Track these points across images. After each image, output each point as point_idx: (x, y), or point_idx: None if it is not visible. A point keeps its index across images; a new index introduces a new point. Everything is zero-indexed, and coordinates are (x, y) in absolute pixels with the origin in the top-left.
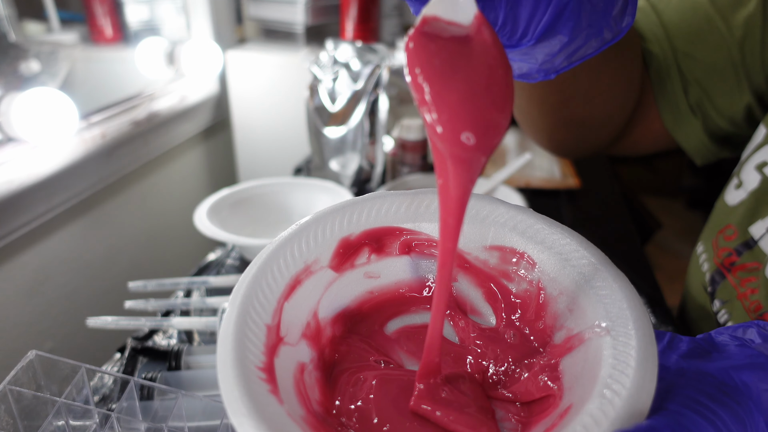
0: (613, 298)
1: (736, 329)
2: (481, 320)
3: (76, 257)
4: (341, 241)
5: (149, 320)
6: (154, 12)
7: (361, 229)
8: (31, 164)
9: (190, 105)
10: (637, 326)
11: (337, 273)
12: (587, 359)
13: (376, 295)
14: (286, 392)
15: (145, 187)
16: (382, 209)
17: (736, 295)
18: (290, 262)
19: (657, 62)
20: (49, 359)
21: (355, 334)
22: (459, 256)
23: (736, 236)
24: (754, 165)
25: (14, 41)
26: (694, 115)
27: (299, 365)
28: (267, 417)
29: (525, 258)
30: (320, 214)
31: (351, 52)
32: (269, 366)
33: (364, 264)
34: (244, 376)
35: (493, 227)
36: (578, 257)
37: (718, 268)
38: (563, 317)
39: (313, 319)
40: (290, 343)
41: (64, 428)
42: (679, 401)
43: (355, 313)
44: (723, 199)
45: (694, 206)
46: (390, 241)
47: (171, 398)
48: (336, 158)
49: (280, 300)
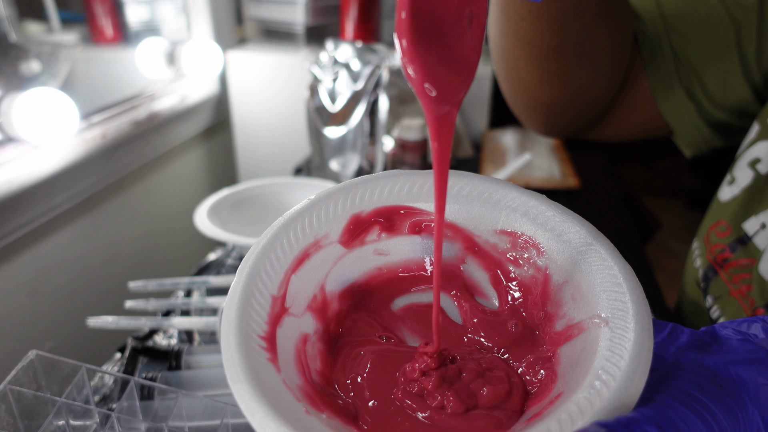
0: (617, 290)
1: (741, 323)
2: (487, 303)
3: (76, 257)
4: (352, 218)
5: (149, 320)
6: (154, 12)
7: (373, 206)
8: (32, 164)
9: (190, 105)
10: (636, 320)
11: (346, 249)
12: (584, 349)
13: (384, 272)
14: (286, 361)
15: (145, 187)
16: (395, 188)
17: (728, 292)
18: (300, 236)
19: (650, 42)
20: (50, 359)
21: (362, 309)
22: (469, 238)
23: (729, 233)
24: (747, 161)
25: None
26: (688, 99)
27: (302, 336)
28: (263, 384)
29: (534, 244)
30: (332, 189)
31: (351, 52)
32: (271, 335)
33: (375, 241)
34: (245, 344)
35: (505, 211)
36: (587, 247)
37: (711, 264)
38: (566, 306)
39: (320, 292)
40: (295, 314)
41: (65, 428)
42: (669, 393)
43: (363, 289)
44: (717, 197)
45: (693, 206)
46: (401, 220)
47: (171, 398)
48: (336, 158)
49: (287, 272)
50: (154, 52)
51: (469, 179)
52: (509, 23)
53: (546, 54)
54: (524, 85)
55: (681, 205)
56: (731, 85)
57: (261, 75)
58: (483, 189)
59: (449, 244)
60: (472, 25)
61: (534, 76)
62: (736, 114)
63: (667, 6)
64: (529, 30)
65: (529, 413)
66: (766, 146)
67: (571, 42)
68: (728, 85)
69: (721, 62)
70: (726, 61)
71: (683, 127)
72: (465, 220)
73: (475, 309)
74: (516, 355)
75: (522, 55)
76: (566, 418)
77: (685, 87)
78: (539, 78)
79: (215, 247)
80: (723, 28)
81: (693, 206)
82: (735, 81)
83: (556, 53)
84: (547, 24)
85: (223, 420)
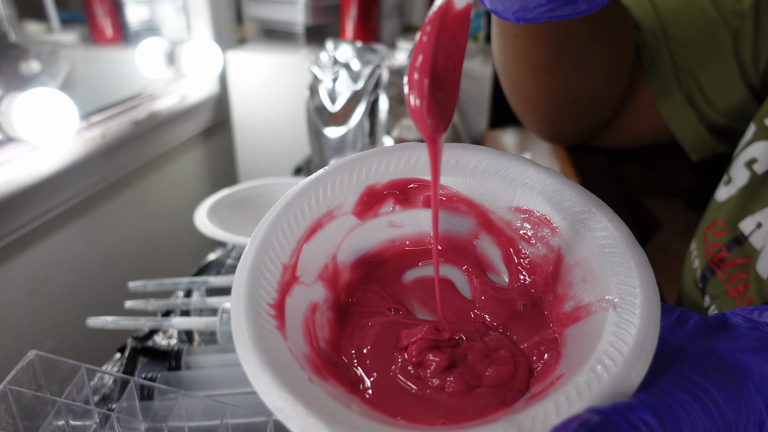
0: (628, 275)
1: (753, 311)
2: (498, 279)
3: (76, 257)
4: (366, 189)
5: (149, 320)
6: (154, 12)
7: (388, 178)
8: (31, 164)
9: (190, 105)
10: (643, 305)
11: (360, 220)
12: (589, 331)
13: (397, 244)
14: (293, 330)
15: (145, 187)
16: (411, 160)
17: (725, 291)
18: (313, 206)
19: (650, 51)
20: (49, 359)
21: (373, 281)
22: (483, 214)
23: (725, 232)
24: (744, 161)
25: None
26: (688, 105)
27: (312, 304)
28: (269, 351)
29: (548, 223)
30: (347, 160)
31: (351, 52)
32: (280, 303)
33: (389, 213)
34: (254, 311)
35: (521, 189)
36: (601, 229)
37: (708, 264)
38: (576, 287)
39: (332, 262)
40: (306, 282)
41: (64, 428)
42: (670, 378)
43: (375, 260)
44: (713, 197)
45: (693, 206)
46: (415, 193)
47: (171, 398)
48: (336, 158)
49: (299, 241)
50: (154, 52)
51: (486, 154)
52: (505, 40)
53: (541, 69)
54: (524, 96)
55: (681, 205)
56: (730, 90)
57: (261, 75)
58: (500, 165)
59: (463, 219)
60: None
61: (532, 87)
62: (736, 118)
63: (665, 14)
64: (524, 47)
65: (531, 392)
66: (762, 146)
67: (566, 58)
68: (727, 90)
69: (719, 68)
70: (724, 67)
71: (686, 133)
72: (480, 196)
73: (485, 285)
74: (522, 334)
75: (520, 69)
76: (564, 400)
77: (686, 93)
78: (537, 90)
79: (215, 247)
80: (720, 35)
81: (693, 206)
82: (734, 86)
83: (552, 68)
84: (540, 42)
85: (223, 420)
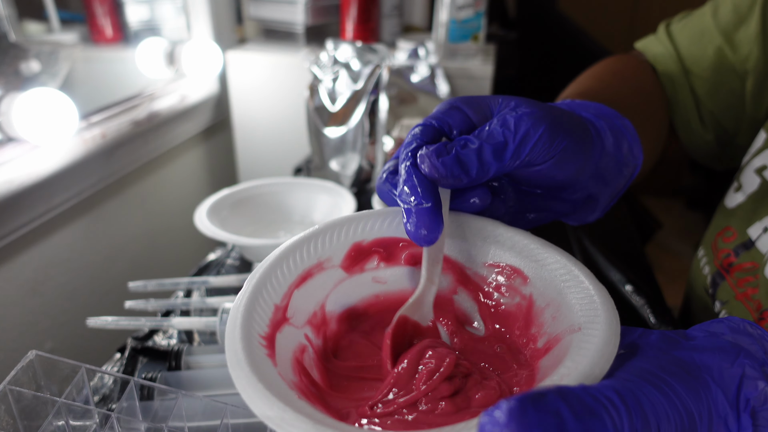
0: (591, 306)
1: (710, 324)
2: (476, 331)
3: (76, 257)
4: (354, 245)
5: (149, 320)
6: (154, 12)
7: (374, 236)
8: (31, 164)
9: (190, 105)
10: (605, 322)
11: (347, 273)
12: (559, 354)
13: (382, 299)
14: (283, 360)
15: (145, 187)
16: (394, 222)
17: (734, 296)
18: (305, 257)
19: (672, 86)
20: (49, 359)
21: (358, 331)
22: (461, 271)
23: (735, 238)
24: (754, 169)
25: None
26: (706, 131)
27: (301, 345)
28: (260, 371)
29: (520, 273)
30: (337, 220)
31: (351, 52)
32: (271, 336)
33: (374, 269)
34: (248, 339)
35: (493, 246)
36: (563, 273)
37: (719, 269)
38: (547, 325)
39: (320, 310)
40: (295, 325)
41: (64, 428)
42: (630, 371)
43: (361, 313)
44: (723, 203)
45: (694, 206)
46: (399, 251)
47: (171, 398)
48: (336, 158)
49: (291, 286)
50: (154, 52)
51: (464, 218)
52: None
53: None
54: None
55: (681, 205)
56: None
57: (261, 75)
58: (476, 226)
59: (443, 276)
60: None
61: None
62: (750, 136)
63: (683, 49)
64: None
65: None
66: None
67: None
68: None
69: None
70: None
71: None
72: (458, 254)
73: (464, 337)
74: (500, 372)
75: None
76: None
77: (705, 119)
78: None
79: (215, 247)
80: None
81: (693, 206)
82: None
83: None
84: None
85: (222, 420)
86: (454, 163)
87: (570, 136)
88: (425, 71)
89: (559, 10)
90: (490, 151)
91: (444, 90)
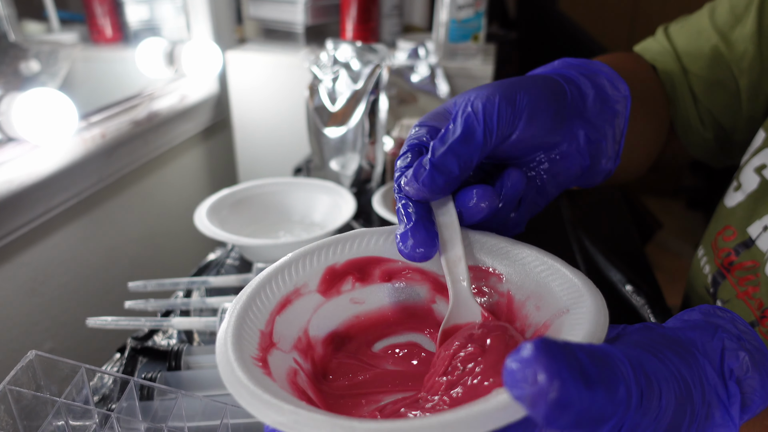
0: (572, 288)
1: (684, 314)
2: None
3: (76, 257)
4: (327, 269)
5: (149, 320)
6: (154, 12)
7: (345, 258)
8: (31, 164)
9: (190, 105)
10: (590, 299)
11: (324, 297)
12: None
13: (362, 319)
14: (280, 380)
15: (145, 187)
16: (363, 242)
17: (735, 295)
18: (281, 285)
19: (671, 84)
20: (49, 359)
21: (345, 352)
22: (435, 280)
23: (734, 237)
24: (753, 168)
25: (14, 41)
26: (705, 129)
27: (292, 369)
28: (261, 384)
29: (494, 273)
30: (310, 247)
31: (351, 52)
32: (263, 358)
33: (350, 290)
34: (242, 359)
35: (465, 249)
36: (538, 264)
37: (719, 269)
38: (532, 316)
39: (304, 335)
40: (283, 349)
41: (64, 428)
42: (623, 343)
43: (344, 335)
44: (722, 202)
45: (694, 206)
46: (372, 270)
47: (171, 398)
48: (336, 158)
49: (272, 313)
50: (154, 51)
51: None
52: None
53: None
54: None
55: (681, 205)
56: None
57: (261, 75)
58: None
59: (419, 287)
60: None
61: None
62: (747, 133)
63: (680, 48)
64: None
65: None
66: None
67: None
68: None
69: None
70: (731, 93)
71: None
72: (430, 264)
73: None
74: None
75: None
76: None
77: (703, 117)
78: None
79: (215, 247)
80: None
81: (693, 206)
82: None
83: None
84: None
85: (222, 420)
86: (433, 174)
87: (528, 91)
88: (425, 71)
89: (559, 10)
90: (459, 142)
91: (444, 90)
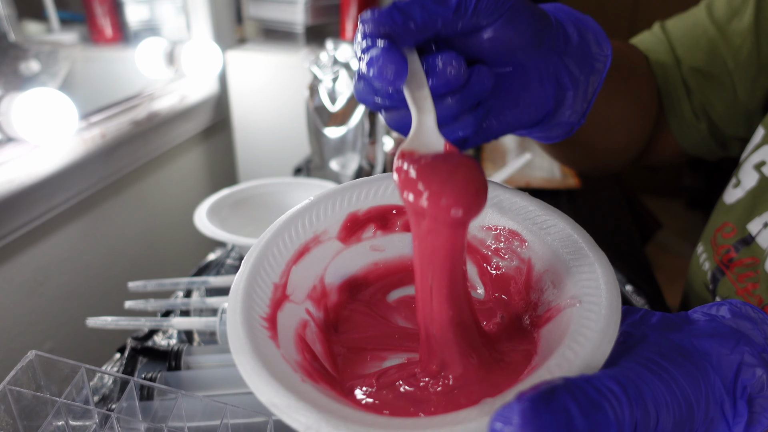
0: (593, 276)
1: (711, 307)
2: (476, 294)
3: (76, 257)
4: (349, 216)
5: (149, 320)
6: (154, 12)
7: (368, 205)
8: (31, 164)
9: (190, 105)
10: (607, 298)
11: (344, 244)
12: (560, 326)
13: (380, 266)
14: (286, 340)
15: (145, 187)
16: (389, 189)
17: (735, 291)
18: (300, 232)
19: (664, 74)
20: (49, 359)
21: (359, 301)
22: None
23: (734, 233)
24: (753, 164)
25: (14, 41)
26: (698, 121)
27: (302, 321)
28: (263, 355)
29: (518, 237)
30: (330, 190)
31: (351, 52)
32: (272, 317)
33: (370, 238)
34: (249, 322)
35: (491, 209)
36: (565, 238)
37: (718, 265)
38: (547, 292)
39: (320, 283)
40: (296, 301)
41: (64, 428)
42: (632, 359)
43: (360, 281)
44: (722, 199)
45: (694, 206)
46: (394, 219)
47: (171, 398)
48: (336, 158)
49: (288, 263)
50: (154, 51)
51: None
52: None
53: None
54: (552, 155)
55: (681, 205)
56: (735, 102)
57: (261, 75)
58: None
59: None
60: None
61: (553, 153)
62: (745, 127)
63: (675, 40)
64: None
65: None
66: None
67: (593, 121)
68: (733, 102)
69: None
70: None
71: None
72: None
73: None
74: (503, 342)
75: (537, 143)
76: (536, 380)
77: (697, 110)
78: (560, 154)
79: (215, 247)
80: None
81: (693, 206)
82: (739, 98)
83: (585, 135)
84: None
85: (222, 420)
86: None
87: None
88: None
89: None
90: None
91: None
